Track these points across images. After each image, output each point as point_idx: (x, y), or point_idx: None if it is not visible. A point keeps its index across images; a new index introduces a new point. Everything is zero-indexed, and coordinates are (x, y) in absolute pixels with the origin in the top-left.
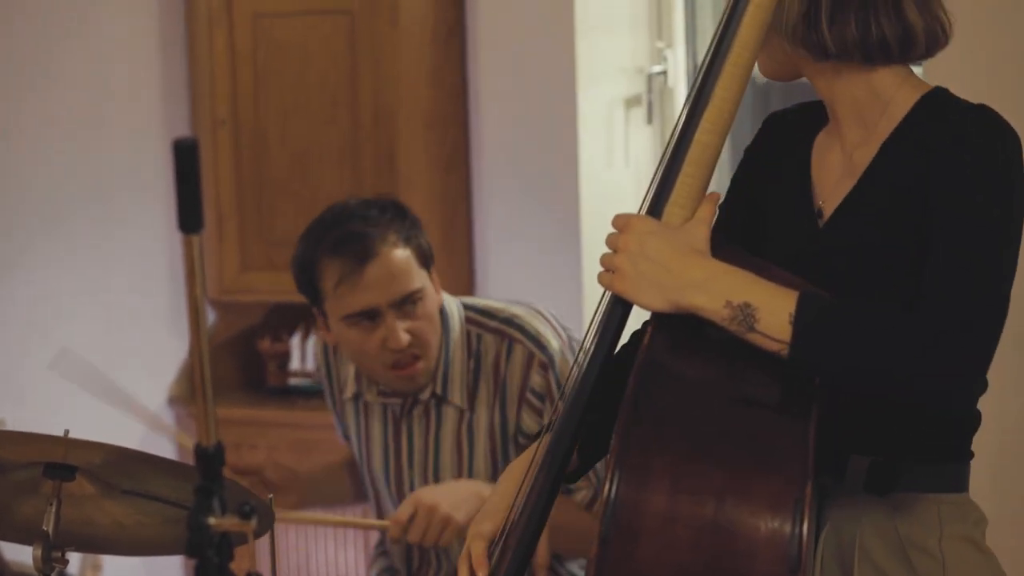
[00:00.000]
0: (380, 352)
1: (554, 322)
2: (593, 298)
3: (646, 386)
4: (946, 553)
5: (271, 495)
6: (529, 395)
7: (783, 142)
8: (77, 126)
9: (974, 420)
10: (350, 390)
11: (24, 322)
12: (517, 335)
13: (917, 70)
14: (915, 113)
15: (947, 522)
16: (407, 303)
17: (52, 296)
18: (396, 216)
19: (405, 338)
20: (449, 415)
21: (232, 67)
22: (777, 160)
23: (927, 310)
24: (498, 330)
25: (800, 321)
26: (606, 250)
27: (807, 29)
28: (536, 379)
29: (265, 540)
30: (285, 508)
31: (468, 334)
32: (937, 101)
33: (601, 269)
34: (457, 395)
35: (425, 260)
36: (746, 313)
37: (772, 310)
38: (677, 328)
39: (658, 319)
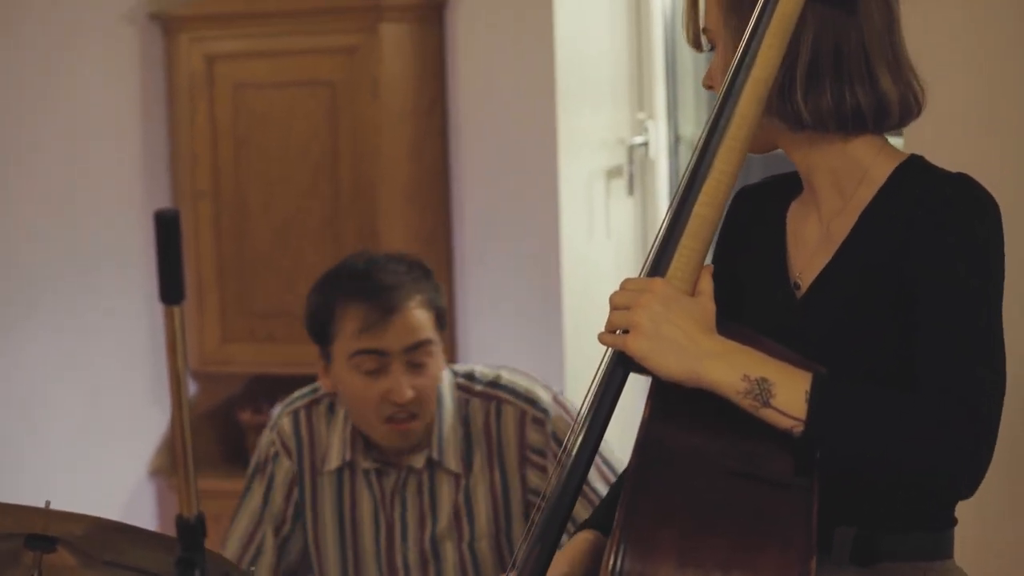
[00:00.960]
0: (380, 404)
1: (539, 379)
2: (575, 370)
3: (649, 459)
4: None
5: (253, 567)
6: (530, 453)
7: (756, 215)
8: (58, 198)
9: None
10: (336, 461)
11: (5, 394)
12: (504, 395)
13: (897, 140)
14: (892, 183)
15: None
16: (418, 354)
17: (34, 367)
18: (422, 276)
19: (409, 393)
20: (444, 483)
21: (213, 139)
22: (751, 233)
23: (933, 397)
24: (484, 393)
25: (816, 399)
26: (587, 322)
27: (782, 100)
28: (533, 436)
29: None
30: None
31: (458, 401)
32: (914, 170)
33: (601, 330)
34: (453, 461)
35: (441, 324)
36: (763, 388)
37: (788, 387)
38: (676, 401)
39: (656, 392)
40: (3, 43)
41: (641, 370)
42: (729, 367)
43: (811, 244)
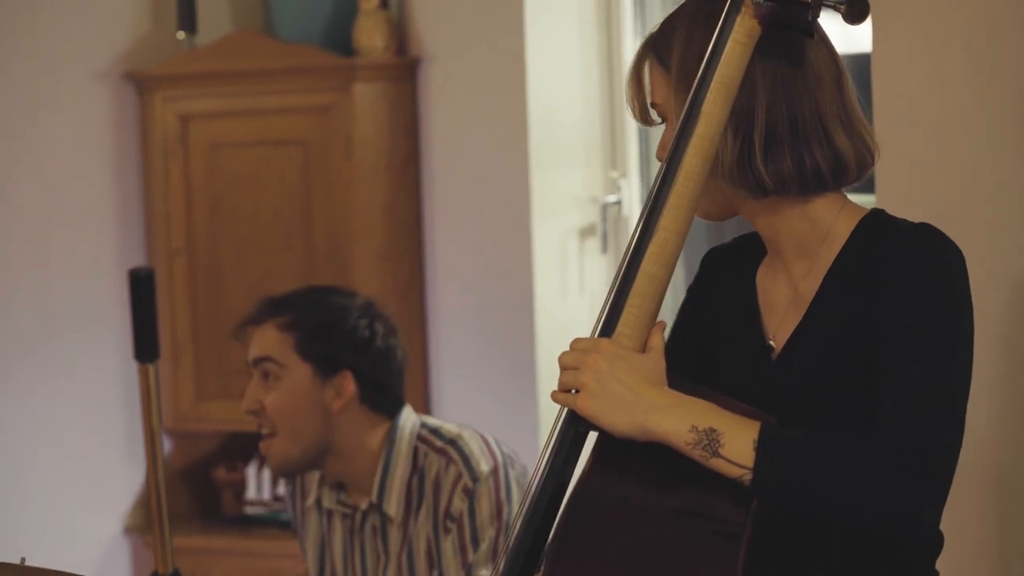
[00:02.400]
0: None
1: (493, 446)
2: (549, 426)
3: (577, 510)
4: None
5: None
6: (447, 519)
7: (725, 277)
8: (30, 255)
9: (938, 543)
10: (312, 496)
11: None
12: (454, 455)
13: (869, 199)
14: (855, 239)
15: None
16: (262, 369)
17: (8, 425)
18: (314, 305)
19: (246, 402)
20: (393, 536)
21: (187, 197)
22: (721, 296)
23: (886, 440)
24: (441, 449)
25: (763, 447)
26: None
27: (743, 169)
28: (456, 502)
29: None
30: None
31: (416, 450)
32: (876, 224)
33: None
34: (393, 507)
35: (304, 351)
36: (711, 438)
37: (737, 436)
38: (615, 455)
39: (597, 446)
40: None
41: (593, 427)
42: (677, 419)
43: (781, 306)
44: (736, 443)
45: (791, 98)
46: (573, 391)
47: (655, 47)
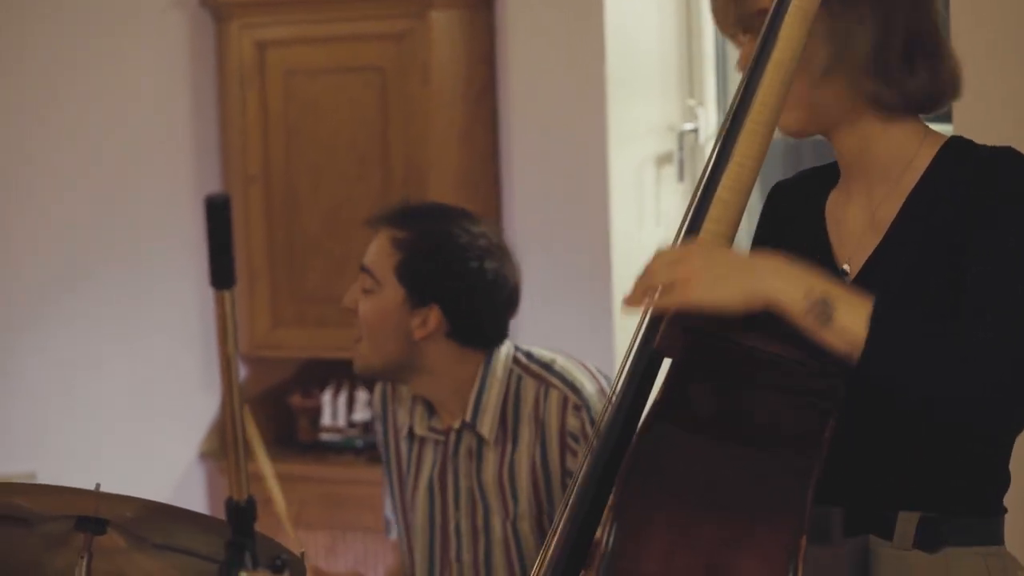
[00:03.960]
0: None
1: (593, 370)
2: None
3: (650, 437)
4: None
5: (303, 550)
6: (568, 439)
7: (792, 209)
8: (110, 183)
9: (1008, 475)
10: (405, 427)
11: (57, 377)
12: (553, 380)
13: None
14: (937, 163)
15: (994, 574)
16: (363, 278)
17: (85, 351)
18: (428, 225)
19: (346, 299)
20: (490, 457)
21: (264, 125)
22: (789, 227)
23: (988, 339)
24: (538, 375)
25: (877, 321)
26: (638, 308)
27: (875, 80)
28: (572, 421)
29: None
30: None
31: (511, 374)
32: (959, 149)
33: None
34: (487, 427)
35: (402, 274)
36: (825, 306)
37: (850, 307)
38: (692, 381)
39: (669, 374)
40: (55, 31)
41: (694, 324)
42: (793, 284)
43: (855, 232)
44: (849, 315)
45: (920, 13)
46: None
47: None
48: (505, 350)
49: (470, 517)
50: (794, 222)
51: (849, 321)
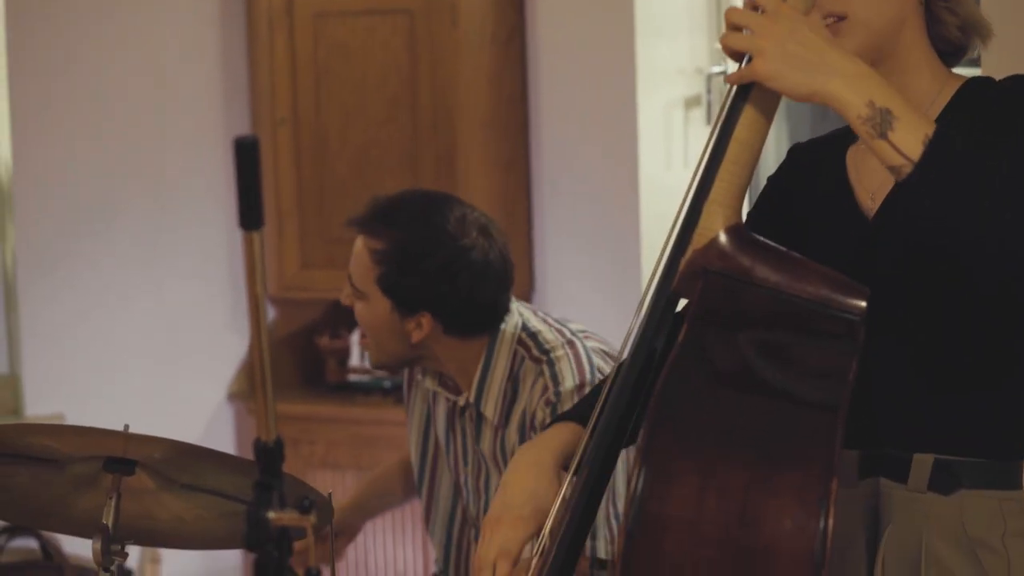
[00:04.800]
0: None
1: (584, 360)
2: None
3: (676, 379)
4: (1010, 550)
5: (331, 491)
6: (531, 430)
7: (812, 164)
8: (138, 125)
9: None
10: (419, 377)
11: (85, 318)
12: (545, 369)
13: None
14: (959, 97)
15: (1009, 518)
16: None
17: (113, 292)
18: (404, 223)
19: (343, 298)
20: (487, 432)
21: (292, 67)
22: (809, 179)
23: None
24: (537, 359)
25: (934, 144)
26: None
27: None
28: (539, 414)
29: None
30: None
31: (515, 355)
32: (980, 83)
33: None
34: (490, 408)
35: (390, 292)
36: (885, 118)
37: (911, 125)
38: (713, 323)
39: (694, 314)
40: None
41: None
42: (857, 90)
43: (878, 174)
44: (908, 131)
45: None
46: (745, 59)
47: None
48: (511, 326)
49: (475, 476)
50: (815, 175)
51: (905, 138)
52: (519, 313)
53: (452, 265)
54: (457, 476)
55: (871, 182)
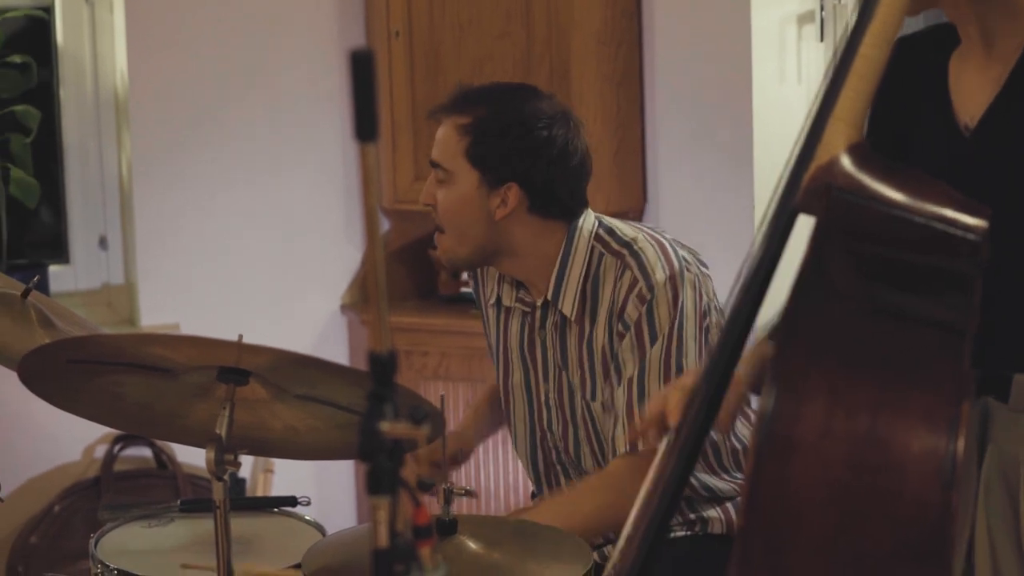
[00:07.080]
0: None
1: (670, 251)
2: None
3: (805, 300)
4: None
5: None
6: (619, 324)
7: (917, 64)
8: (253, 37)
9: None
10: (493, 295)
11: (199, 230)
12: (630, 260)
13: None
14: None
15: None
16: (437, 171)
17: (228, 204)
18: (491, 106)
19: (423, 196)
20: (573, 334)
21: None
22: (913, 82)
23: None
24: (618, 252)
25: None
26: (778, 166)
27: None
28: (630, 309)
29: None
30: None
31: (592, 251)
32: None
33: None
34: (568, 305)
35: (473, 157)
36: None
37: None
38: (838, 242)
39: (819, 232)
40: None
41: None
42: None
43: (975, 89)
44: None
45: None
46: None
47: None
48: (588, 224)
49: (557, 391)
50: (918, 78)
51: None
52: (594, 215)
53: (538, 137)
54: (537, 394)
55: (965, 102)
